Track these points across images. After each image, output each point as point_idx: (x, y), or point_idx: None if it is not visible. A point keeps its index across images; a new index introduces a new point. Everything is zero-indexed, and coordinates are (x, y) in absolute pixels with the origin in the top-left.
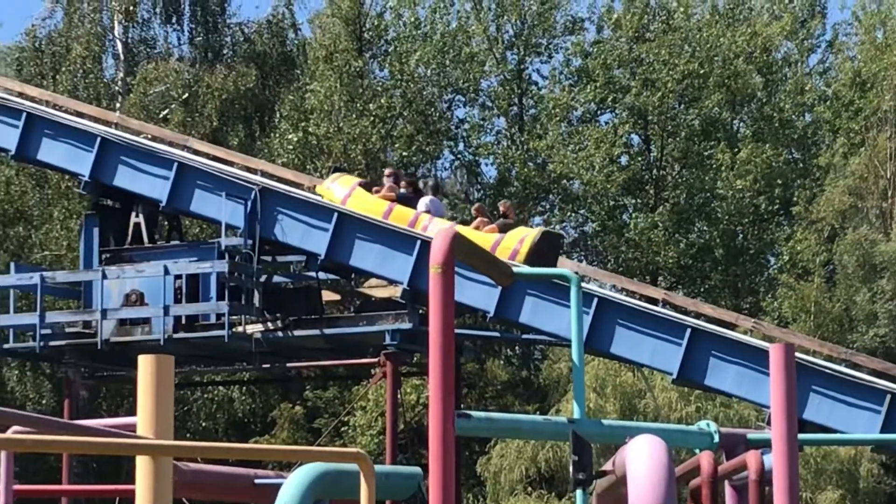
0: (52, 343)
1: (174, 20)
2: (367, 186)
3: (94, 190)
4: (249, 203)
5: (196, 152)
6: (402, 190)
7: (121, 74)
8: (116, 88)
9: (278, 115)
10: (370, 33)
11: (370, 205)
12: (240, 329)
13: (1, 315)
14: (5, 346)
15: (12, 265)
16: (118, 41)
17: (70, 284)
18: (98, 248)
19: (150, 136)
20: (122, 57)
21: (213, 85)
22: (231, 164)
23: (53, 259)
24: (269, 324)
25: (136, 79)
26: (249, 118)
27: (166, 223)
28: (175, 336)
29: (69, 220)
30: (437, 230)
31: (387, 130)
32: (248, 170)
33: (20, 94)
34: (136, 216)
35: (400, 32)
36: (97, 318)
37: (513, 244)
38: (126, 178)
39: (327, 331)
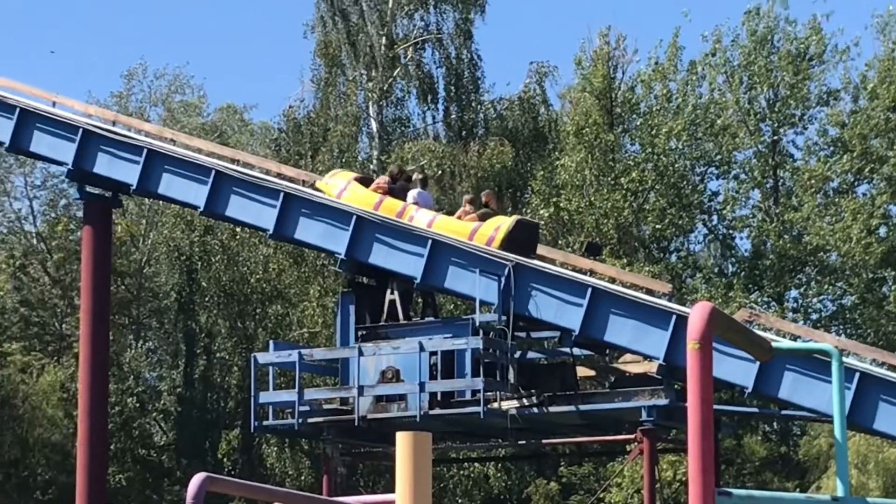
0: (310, 420)
1: (428, 99)
2: (363, 181)
3: (350, 268)
4: (503, 279)
5: None
6: (395, 184)
7: (376, 153)
8: (372, 167)
9: (530, 190)
10: (621, 107)
11: (363, 197)
12: (495, 405)
13: (261, 392)
14: (265, 423)
15: (271, 343)
16: (373, 120)
17: (327, 362)
18: (354, 325)
19: None
20: (377, 136)
21: (466, 162)
22: None
23: (310, 336)
24: (524, 400)
25: (391, 157)
26: (501, 194)
27: (420, 300)
28: (431, 412)
29: (325, 298)
30: (695, 306)
31: (639, 204)
32: None
33: (278, 175)
34: (391, 293)
35: (651, 105)
36: (354, 394)
37: (489, 231)
38: (381, 256)
39: (582, 407)
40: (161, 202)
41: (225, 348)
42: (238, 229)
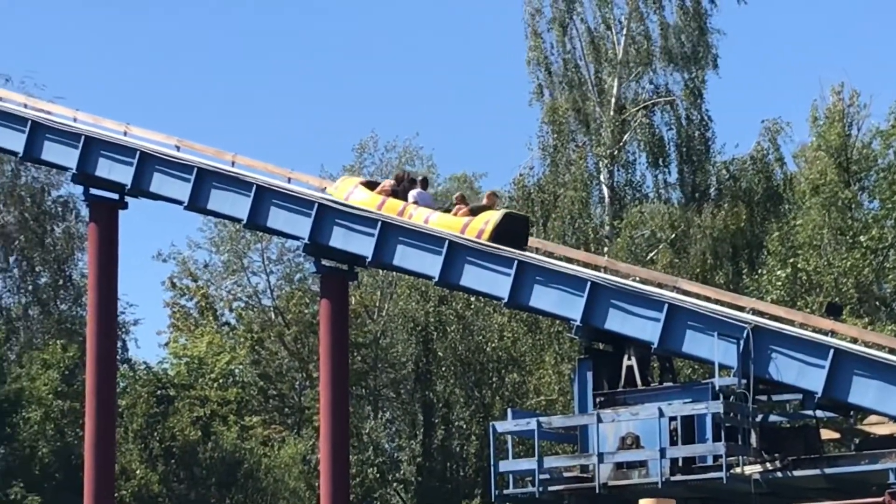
0: (550, 488)
1: (659, 162)
2: (370, 185)
3: (586, 334)
4: (741, 342)
5: (685, 293)
6: (399, 186)
7: (608, 218)
8: (604, 232)
9: (766, 251)
10: (858, 164)
11: (367, 199)
12: (738, 470)
13: (500, 461)
14: (505, 491)
15: (509, 411)
16: (604, 185)
17: (566, 429)
18: (592, 391)
19: (639, 279)
20: (608, 201)
21: (700, 223)
22: (721, 303)
23: (547, 404)
24: (768, 464)
25: (624, 222)
26: (737, 256)
27: (658, 364)
28: (672, 479)
29: (561, 365)
30: None
31: (879, 262)
32: (738, 308)
33: None
34: (629, 359)
35: (890, 162)
36: (594, 461)
37: (479, 225)
38: (617, 322)
39: (828, 470)
40: (395, 273)
41: (462, 417)
42: (473, 298)
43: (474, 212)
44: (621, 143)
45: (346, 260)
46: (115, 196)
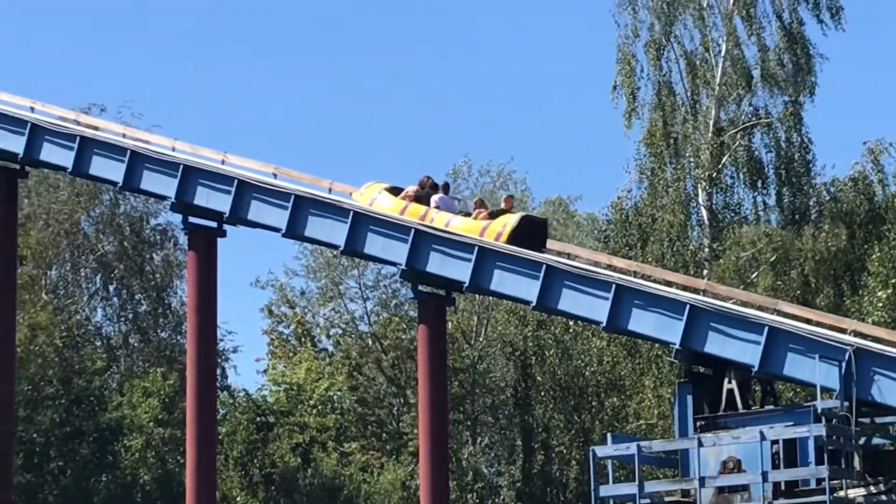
0: None
1: (759, 184)
2: (394, 191)
3: (686, 357)
4: (843, 364)
5: (786, 315)
6: (422, 191)
7: (706, 241)
8: (703, 255)
9: (867, 273)
10: None
11: (392, 204)
12: (841, 494)
13: (601, 486)
14: None
15: (609, 436)
16: (703, 208)
17: (666, 453)
18: (692, 415)
19: (738, 301)
20: (707, 223)
21: (801, 246)
22: (822, 325)
23: (647, 428)
24: (872, 487)
25: (723, 244)
26: (838, 277)
27: (759, 387)
28: (774, 503)
29: (661, 389)
30: None
31: None
32: (840, 330)
33: (608, 267)
34: (729, 382)
35: None
36: (695, 486)
37: (498, 228)
38: (717, 345)
39: None
40: (492, 298)
41: (562, 442)
42: (571, 322)
43: (493, 215)
44: (720, 166)
45: (444, 285)
46: (214, 224)
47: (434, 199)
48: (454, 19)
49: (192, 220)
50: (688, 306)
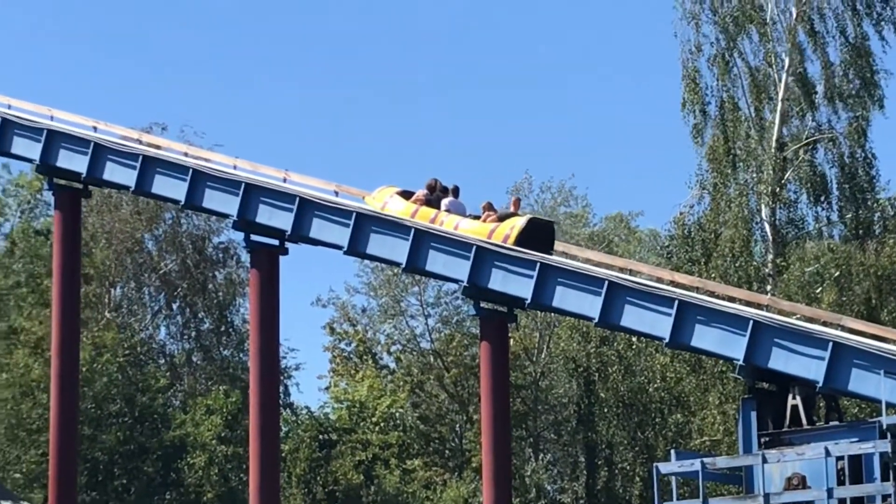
0: None
1: (822, 199)
2: (405, 194)
3: (749, 373)
4: None
5: (850, 330)
6: (432, 195)
7: (770, 256)
8: (766, 270)
9: None
10: None
11: (403, 208)
12: None
13: (665, 502)
14: None
15: (672, 452)
16: (766, 223)
17: (730, 470)
18: (756, 431)
19: (802, 317)
20: (770, 238)
21: (864, 261)
22: (887, 340)
23: (711, 444)
24: None
25: (786, 260)
26: None
27: (823, 403)
28: None
29: (725, 405)
30: None
31: None
32: None
33: (671, 283)
34: (793, 398)
35: None
36: (760, 502)
37: (505, 230)
38: (781, 361)
39: None
40: (554, 314)
41: (626, 458)
42: (634, 338)
43: (501, 218)
44: (783, 181)
45: (506, 302)
46: (276, 242)
47: (444, 202)
48: (515, 37)
49: (254, 237)
50: (751, 322)
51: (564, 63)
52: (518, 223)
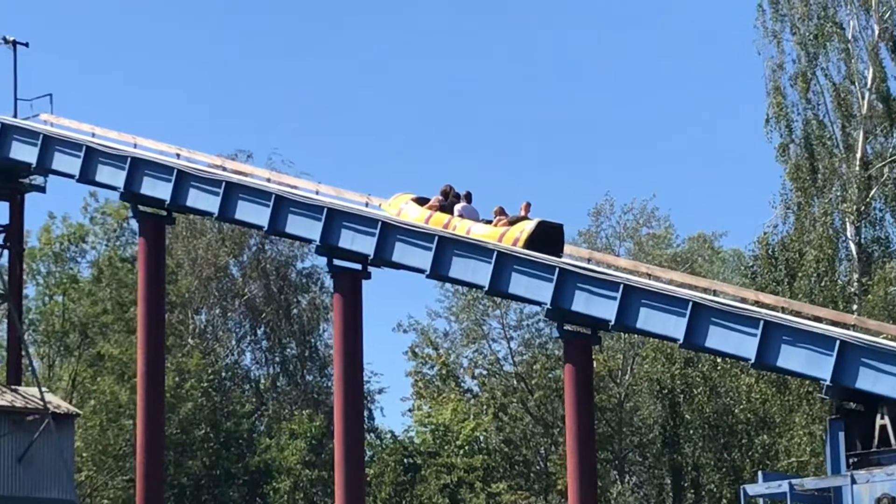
0: None
1: None
2: (420, 201)
3: (836, 393)
4: None
5: None
6: (446, 201)
7: (855, 275)
8: (852, 290)
9: None
10: None
11: (418, 214)
12: None
13: None
14: None
15: (760, 473)
16: (851, 242)
17: (819, 491)
18: (844, 452)
19: (890, 336)
20: (855, 258)
21: None
22: None
23: (799, 465)
24: None
25: (872, 279)
26: None
27: None
28: None
29: (812, 426)
30: None
31: None
32: None
33: (755, 303)
34: (882, 418)
35: None
36: None
37: (515, 234)
38: (868, 380)
39: None
40: (638, 336)
41: (712, 480)
42: (719, 360)
43: (512, 222)
44: (867, 199)
45: (589, 324)
46: (358, 266)
47: (457, 207)
48: (595, 60)
49: (336, 262)
50: (838, 342)
51: (645, 83)
52: (527, 227)
